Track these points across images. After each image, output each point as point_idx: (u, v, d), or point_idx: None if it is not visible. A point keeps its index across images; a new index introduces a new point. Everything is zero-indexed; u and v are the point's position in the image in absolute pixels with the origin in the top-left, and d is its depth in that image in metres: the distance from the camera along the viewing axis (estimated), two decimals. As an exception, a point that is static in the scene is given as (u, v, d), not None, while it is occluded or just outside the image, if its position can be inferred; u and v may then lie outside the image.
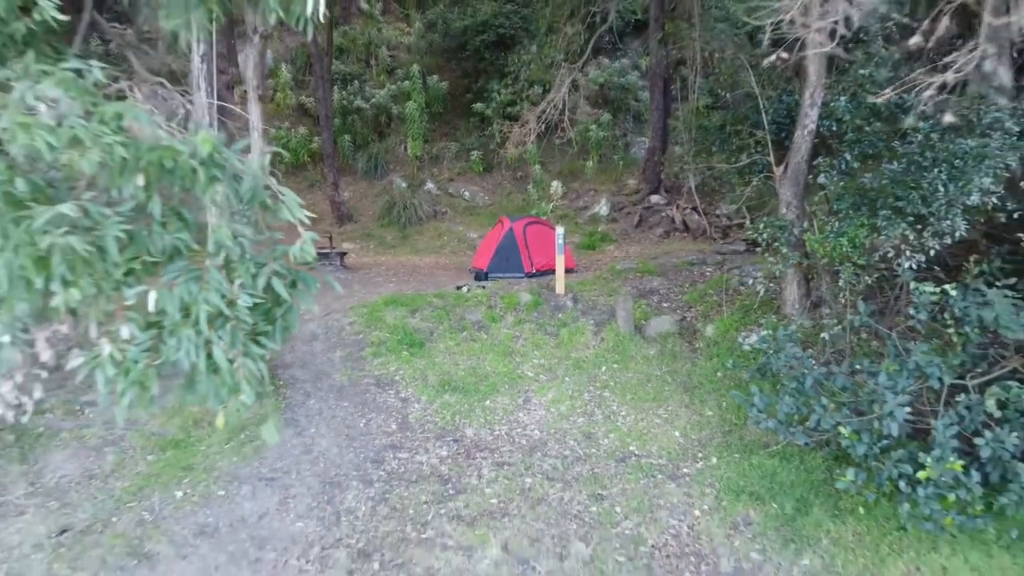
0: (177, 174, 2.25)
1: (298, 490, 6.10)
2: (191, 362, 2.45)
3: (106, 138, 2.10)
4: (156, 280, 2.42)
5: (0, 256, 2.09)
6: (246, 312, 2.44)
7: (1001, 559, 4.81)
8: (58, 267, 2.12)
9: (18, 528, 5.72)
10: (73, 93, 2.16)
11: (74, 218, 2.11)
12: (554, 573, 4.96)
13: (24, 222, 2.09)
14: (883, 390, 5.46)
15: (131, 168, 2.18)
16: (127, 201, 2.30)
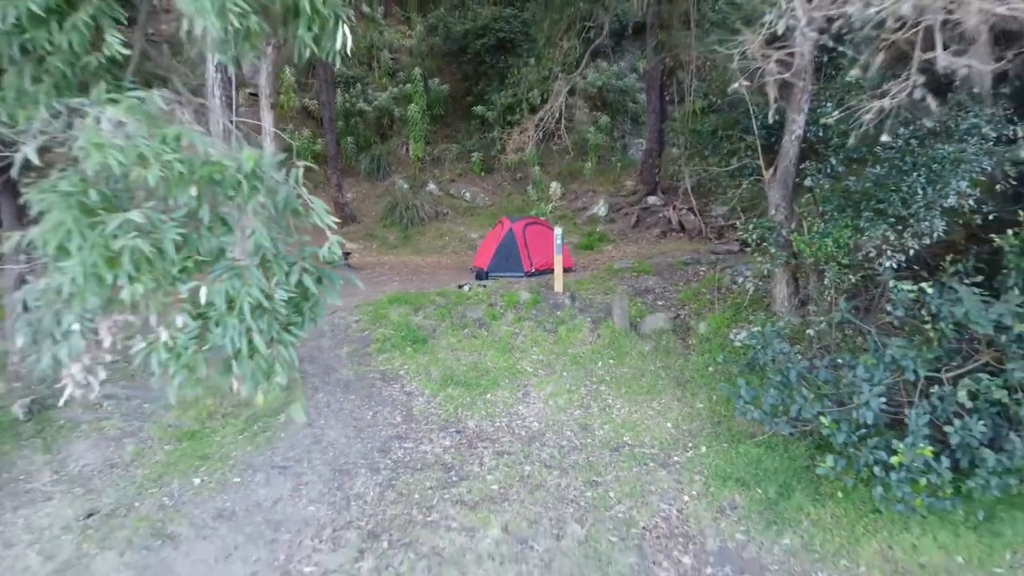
0: (224, 185, 2.63)
1: (309, 477, 6.48)
2: (234, 348, 2.83)
3: (166, 155, 2.48)
4: (204, 277, 2.81)
5: (77, 256, 2.48)
6: (282, 304, 2.83)
7: (967, 538, 5.20)
8: (126, 265, 2.51)
9: (47, 512, 6.11)
10: (138, 117, 2.54)
11: (139, 224, 2.49)
12: (551, 552, 5.35)
13: (97, 227, 2.47)
14: (860, 382, 5.85)
15: (186, 181, 2.56)
16: (181, 208, 2.69)
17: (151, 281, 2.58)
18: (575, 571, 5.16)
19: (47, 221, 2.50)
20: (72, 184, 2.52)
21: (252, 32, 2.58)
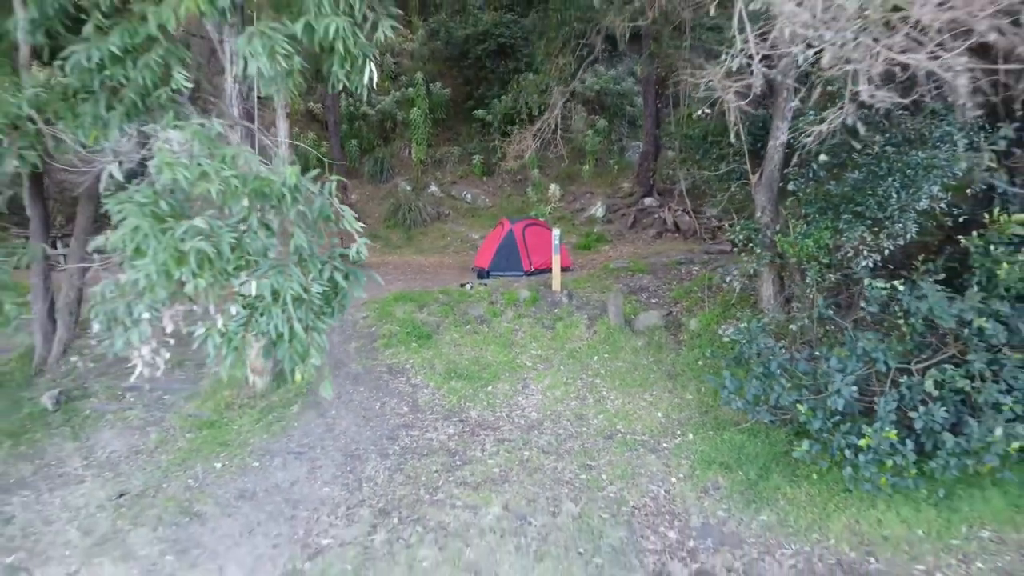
0: (270, 197, 3.16)
1: (323, 462, 7.02)
2: (277, 333, 3.36)
3: (224, 172, 3.01)
4: (252, 273, 3.34)
5: (150, 256, 3.01)
6: (317, 296, 3.36)
7: (928, 513, 5.74)
8: (192, 264, 3.03)
9: (81, 493, 6.65)
10: (200, 140, 3.07)
11: (202, 229, 3.01)
12: (547, 526, 5.88)
13: (168, 232, 2.99)
14: (833, 372, 6.38)
15: (239, 193, 3.09)
16: (234, 216, 3.22)
17: (211, 276, 3.10)
18: (569, 544, 5.70)
19: (125, 226, 3.03)
20: (146, 196, 3.05)
21: (295, 70, 3.12)
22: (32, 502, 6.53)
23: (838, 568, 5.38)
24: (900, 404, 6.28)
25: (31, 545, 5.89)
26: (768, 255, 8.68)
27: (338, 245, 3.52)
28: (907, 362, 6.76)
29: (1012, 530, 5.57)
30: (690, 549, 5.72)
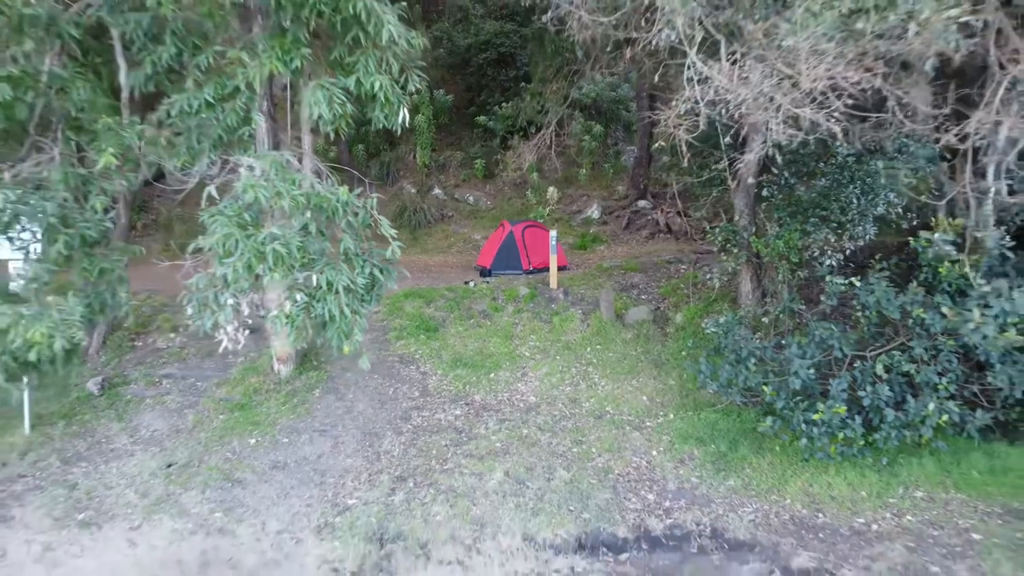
0: (327, 210, 4.17)
1: (345, 438, 8.04)
2: (330, 315, 4.36)
3: (293, 192, 4.02)
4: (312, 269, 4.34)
5: (237, 255, 4.00)
6: (361, 287, 4.36)
7: (871, 478, 6.75)
8: (269, 261, 4.04)
9: (133, 464, 7.67)
10: (275, 168, 4.06)
11: (276, 234, 4.00)
12: (543, 489, 6.89)
13: (251, 237, 4.00)
14: (793, 357, 7.40)
15: (303, 208, 4.09)
16: (298, 224, 4.21)
17: (282, 272, 4.10)
18: (562, 503, 6.71)
19: (215, 233, 4.03)
20: (233, 210, 4.05)
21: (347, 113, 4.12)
22: (91, 472, 7.55)
23: (790, 522, 6.39)
24: (852, 385, 7.30)
25: (97, 505, 6.92)
26: (745, 255, 9.70)
27: (375, 246, 4.53)
28: (863, 349, 7.79)
29: (942, 491, 6.58)
30: (666, 508, 6.73)
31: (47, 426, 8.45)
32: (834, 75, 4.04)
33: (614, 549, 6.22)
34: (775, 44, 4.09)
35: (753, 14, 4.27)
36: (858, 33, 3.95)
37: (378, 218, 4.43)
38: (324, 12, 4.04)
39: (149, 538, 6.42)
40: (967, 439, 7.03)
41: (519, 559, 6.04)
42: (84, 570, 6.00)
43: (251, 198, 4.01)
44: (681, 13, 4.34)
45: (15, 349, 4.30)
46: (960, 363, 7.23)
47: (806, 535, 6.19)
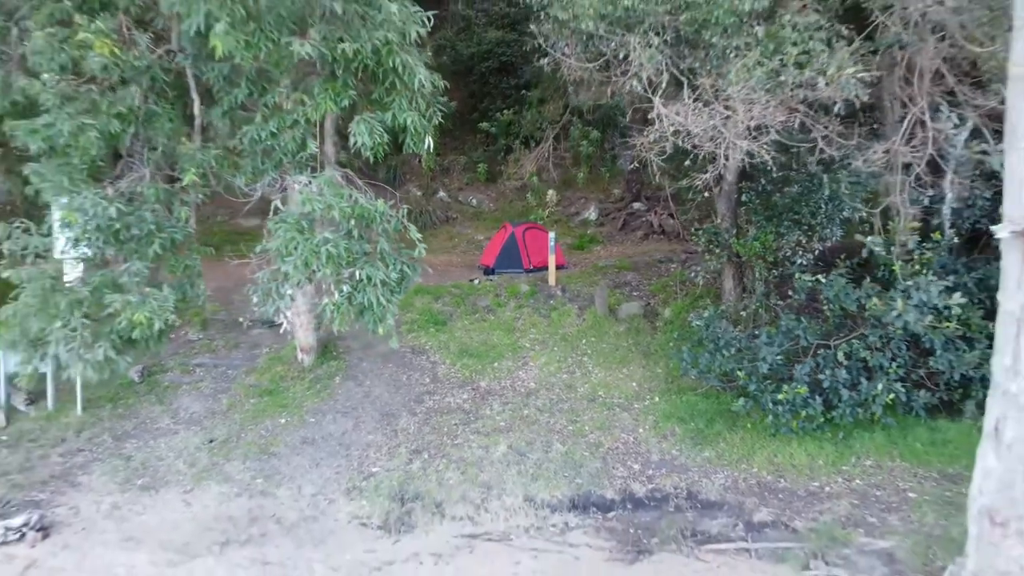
0: (367, 218, 5.26)
1: (365, 418, 9.14)
2: (368, 304, 5.44)
3: (341, 204, 5.11)
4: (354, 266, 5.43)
5: (296, 255, 5.09)
6: (393, 281, 5.45)
7: (828, 449, 7.85)
8: (322, 260, 5.13)
9: (178, 440, 8.77)
10: (327, 185, 5.16)
11: (328, 238, 5.08)
12: (541, 459, 8.00)
13: (308, 240, 5.08)
14: (762, 345, 8.51)
15: (348, 217, 5.18)
16: (344, 230, 5.30)
17: (331, 268, 5.19)
18: (558, 470, 7.81)
19: (278, 237, 5.13)
20: (293, 218, 5.14)
21: (383, 142, 5.22)
22: (142, 446, 8.67)
23: (755, 486, 7.50)
24: (814, 369, 8.41)
25: (152, 473, 8.03)
26: (726, 255, 10.81)
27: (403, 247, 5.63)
28: (828, 338, 8.91)
29: (888, 459, 7.69)
30: (648, 475, 7.84)
31: (96, 408, 9.56)
32: (764, 115, 5.14)
33: (603, 508, 7.33)
34: (720, 92, 5.18)
35: (705, 65, 5.32)
36: (782, 84, 5.02)
37: (407, 224, 5.55)
38: (369, 64, 5.15)
39: (201, 499, 7.53)
40: (914, 416, 8.15)
41: (520, 516, 7.14)
42: (148, 524, 7.10)
43: (308, 209, 5.10)
44: (648, 66, 5.41)
45: (121, 329, 5.39)
46: (908, 350, 8.36)
47: (768, 496, 7.31)
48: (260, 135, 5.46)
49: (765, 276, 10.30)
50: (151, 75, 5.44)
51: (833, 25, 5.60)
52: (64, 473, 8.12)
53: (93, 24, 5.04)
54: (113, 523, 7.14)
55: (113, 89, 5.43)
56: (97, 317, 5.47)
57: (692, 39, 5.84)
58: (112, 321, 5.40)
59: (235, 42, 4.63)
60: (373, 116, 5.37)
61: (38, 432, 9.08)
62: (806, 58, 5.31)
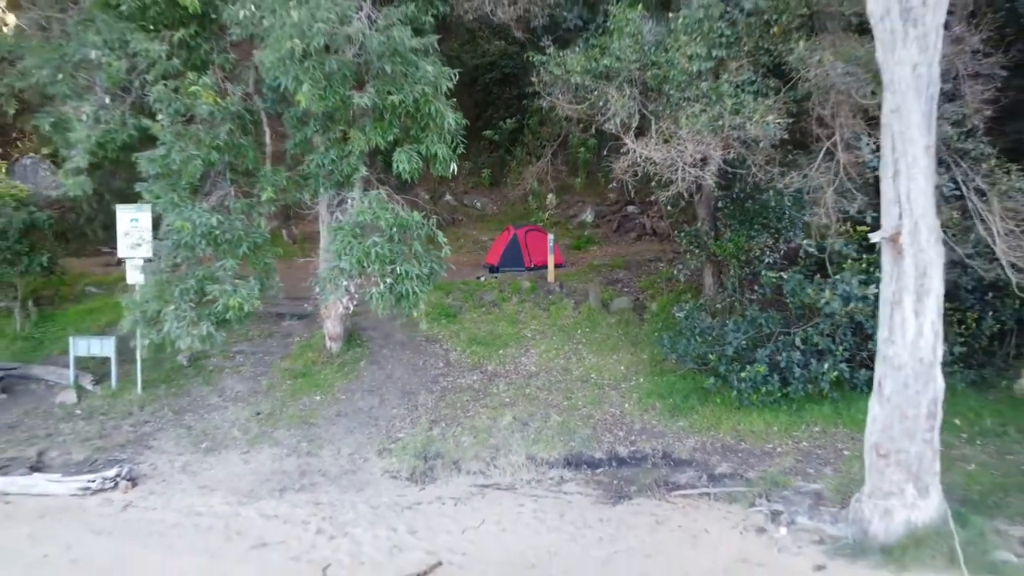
0: (405, 226, 6.93)
1: (388, 396, 10.83)
2: (405, 293, 7.13)
3: (387, 216, 6.78)
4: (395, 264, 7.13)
5: (351, 255, 6.76)
6: (425, 275, 7.12)
7: (783, 418, 9.53)
8: (372, 258, 6.80)
9: (229, 413, 10.45)
10: (375, 201, 6.82)
11: (377, 241, 6.73)
12: (540, 427, 9.68)
13: (361, 243, 6.74)
14: (730, 332, 10.21)
15: (391, 225, 6.84)
16: (387, 235, 6.97)
17: (378, 265, 6.85)
18: (555, 436, 9.49)
19: (338, 241, 6.79)
20: (349, 227, 6.82)
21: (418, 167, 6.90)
22: (199, 419, 10.36)
23: (720, 448, 9.18)
24: (773, 353, 10.10)
25: (211, 439, 9.72)
26: (704, 254, 12.51)
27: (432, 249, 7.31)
28: (789, 326, 10.61)
29: (833, 427, 9.38)
30: (631, 440, 9.53)
31: (153, 388, 11.27)
32: (708, 150, 6.79)
33: (592, 465, 9.01)
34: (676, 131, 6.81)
35: (665, 110, 6.96)
36: (721, 126, 6.65)
37: (435, 232, 7.24)
38: (409, 110, 6.83)
39: (257, 459, 9.22)
40: (857, 391, 9.81)
41: (523, 471, 8.83)
42: (216, 477, 8.78)
43: (361, 219, 6.76)
44: (622, 111, 7.08)
45: (218, 312, 7.06)
46: (853, 335, 10.06)
47: (729, 455, 9.00)
48: (323, 162, 7.14)
49: (738, 273, 12.00)
50: (239, 116, 7.13)
51: (762, 79, 7.31)
52: (137, 439, 9.82)
53: (200, 79, 6.75)
54: (187, 476, 8.83)
55: (211, 127, 7.13)
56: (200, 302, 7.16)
57: (655, 90, 7.52)
58: (211, 305, 7.07)
59: (313, 96, 6.30)
60: (411, 147, 7.04)
61: (107, 407, 10.80)
62: (739, 106, 6.99)
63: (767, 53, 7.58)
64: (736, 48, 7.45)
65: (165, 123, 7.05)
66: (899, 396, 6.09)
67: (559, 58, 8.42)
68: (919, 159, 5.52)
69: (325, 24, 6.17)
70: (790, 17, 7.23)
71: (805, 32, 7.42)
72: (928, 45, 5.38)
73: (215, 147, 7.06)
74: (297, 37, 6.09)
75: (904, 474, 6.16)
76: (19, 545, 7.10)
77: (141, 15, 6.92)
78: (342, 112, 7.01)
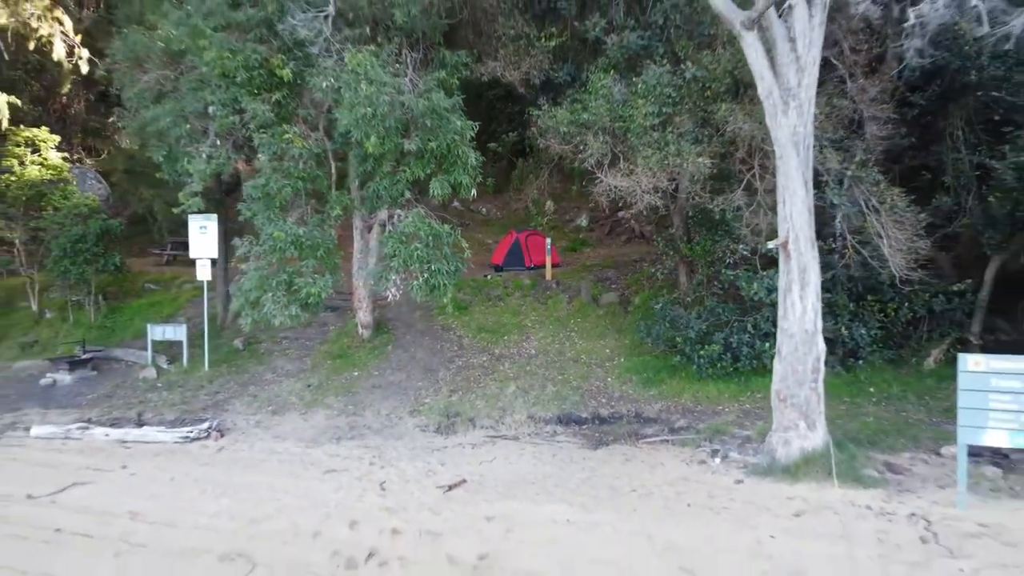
0: (437, 235, 9.78)
1: (414, 372, 13.70)
2: (438, 284, 9.93)
3: (427, 227, 9.63)
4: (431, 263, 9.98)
5: (400, 255, 9.59)
6: (452, 272, 9.97)
7: (733, 388, 12.39)
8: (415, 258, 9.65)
9: (284, 386, 13.31)
10: (419, 215, 9.67)
11: (419, 247, 9.57)
12: (539, 394, 12.54)
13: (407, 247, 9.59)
14: (692, 319, 13.10)
15: (429, 234, 9.68)
16: (424, 241, 9.82)
17: (420, 264, 9.68)
18: (550, 400, 12.35)
19: (389, 246, 9.63)
20: (399, 234, 9.66)
21: (447, 193, 9.78)
22: (260, 390, 13.22)
23: (680, 410, 12.03)
24: (727, 336, 12.97)
25: (274, 404, 12.58)
26: (678, 256, 15.39)
27: (456, 251, 10.20)
28: (744, 315, 13.49)
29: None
30: (611, 405, 12.38)
31: (217, 367, 14.15)
32: (657, 181, 9.66)
33: (579, 423, 11.87)
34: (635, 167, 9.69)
35: (628, 151, 9.78)
36: (667, 164, 9.49)
37: (460, 239, 10.14)
38: (443, 152, 9.68)
39: (314, 418, 12.08)
40: (794, 367, 12.65)
41: (525, 426, 11.67)
42: (284, 430, 11.61)
43: (407, 230, 9.61)
44: (596, 153, 9.93)
45: (302, 299, 9.91)
46: (791, 321, 12.89)
47: (687, 414, 11.85)
48: (378, 188, 10.02)
49: (706, 272, 14.89)
50: (316, 153, 9.98)
51: (698, 130, 10.21)
52: (214, 404, 12.69)
53: (292, 129, 9.63)
54: (261, 430, 11.69)
55: (297, 163, 9.98)
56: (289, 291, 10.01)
57: (621, 136, 10.37)
58: (298, 294, 9.90)
59: (376, 144, 9.13)
60: (443, 177, 9.90)
61: (182, 381, 13.67)
62: (679, 150, 9.85)
63: (702, 111, 10.50)
64: (679, 106, 10.33)
65: (264, 160, 9.92)
66: (791, 356, 8.95)
67: (551, 112, 11.40)
68: (797, 191, 8.36)
69: (387, 96, 9.02)
70: (719, 84, 10.13)
71: (729, 96, 10.30)
72: (803, 113, 8.21)
73: (300, 177, 9.91)
74: (368, 106, 8.93)
75: (797, 413, 9.01)
76: (151, 472, 9.95)
77: (248, 83, 9.77)
78: (393, 153, 9.86)
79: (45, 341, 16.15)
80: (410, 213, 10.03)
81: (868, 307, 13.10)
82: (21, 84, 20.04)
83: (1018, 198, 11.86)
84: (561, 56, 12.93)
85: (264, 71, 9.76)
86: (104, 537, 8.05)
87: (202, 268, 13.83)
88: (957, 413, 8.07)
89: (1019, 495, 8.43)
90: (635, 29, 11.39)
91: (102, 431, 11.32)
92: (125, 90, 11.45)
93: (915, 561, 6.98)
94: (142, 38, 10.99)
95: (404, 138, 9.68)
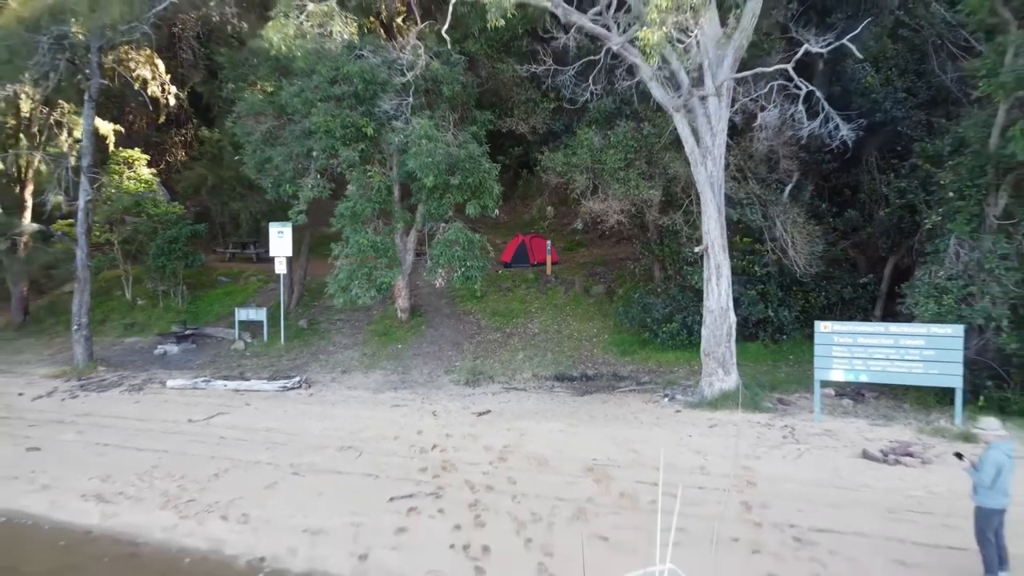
0: (471, 241, 14.82)
1: (443, 345, 18.77)
2: (471, 276, 15.00)
3: (466, 235, 14.69)
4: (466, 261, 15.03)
5: (444, 256, 14.63)
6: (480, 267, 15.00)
7: (688, 355, 17.38)
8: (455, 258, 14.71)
9: (345, 355, 18.40)
10: (459, 228, 14.72)
11: (458, 249, 14.60)
12: (541, 359, 17.57)
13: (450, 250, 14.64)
14: (659, 305, 18.20)
15: (465, 242, 14.72)
16: (462, 245, 14.83)
17: (459, 262, 14.69)
18: (549, 361, 17.36)
19: (437, 250, 14.65)
20: (443, 242, 14.69)
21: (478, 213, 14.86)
22: (328, 358, 18.32)
23: (646, 370, 17.10)
24: (685, 318, 18.04)
25: (341, 367, 17.65)
26: (653, 256, 20.47)
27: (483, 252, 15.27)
28: (698, 302, 18.58)
29: (715, 360, 17.35)
30: (595, 367, 17.41)
31: (289, 341, 19.26)
32: (623, 206, 14.61)
33: (570, 380, 16.90)
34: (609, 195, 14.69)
35: (603, 184, 14.74)
36: (629, 194, 14.48)
37: (487, 245, 15.18)
38: (476, 184, 14.68)
39: (373, 376, 17.15)
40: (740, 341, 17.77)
41: (530, 382, 16.68)
42: (354, 383, 16.63)
43: (450, 237, 14.57)
44: (580, 186, 14.91)
45: (377, 285, 14.88)
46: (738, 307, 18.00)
47: (651, 373, 16.89)
48: (430, 209, 15.05)
49: (675, 268, 20.00)
50: (388, 185, 15.03)
51: (650, 170, 15.30)
52: (296, 367, 17.77)
53: (372, 169, 14.63)
54: (337, 384, 16.76)
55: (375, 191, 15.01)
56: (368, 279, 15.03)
57: (598, 173, 15.43)
58: (375, 281, 14.92)
59: (433, 180, 14.07)
60: (476, 201, 14.95)
61: (265, 351, 18.77)
62: (638, 185, 14.90)
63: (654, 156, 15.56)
64: (638, 154, 15.37)
65: (352, 189, 14.96)
66: (712, 325, 14.01)
67: (550, 157, 16.62)
68: (712, 215, 13.39)
69: (441, 148, 14.03)
70: (667, 138, 15.14)
71: (672, 148, 15.34)
72: (716, 162, 13.22)
73: (376, 202, 14.95)
74: (428, 156, 13.90)
75: (717, 364, 14.09)
76: (267, 408, 15.01)
77: (343, 137, 14.81)
78: (443, 186, 14.88)
79: (142, 323, 21.21)
80: (451, 226, 15.09)
81: (793, 295, 18.22)
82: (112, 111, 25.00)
83: (900, 214, 17.01)
84: (558, 113, 18.15)
85: (353, 128, 14.79)
86: (254, 441, 13.11)
87: (279, 264, 18.92)
88: (813, 359, 13.17)
89: (859, 416, 13.54)
90: (610, 94, 16.47)
91: (221, 383, 16.39)
92: (238, 130, 16.57)
93: (774, 445, 12.05)
94: (258, 99, 16.09)
95: (450, 175, 14.68)
